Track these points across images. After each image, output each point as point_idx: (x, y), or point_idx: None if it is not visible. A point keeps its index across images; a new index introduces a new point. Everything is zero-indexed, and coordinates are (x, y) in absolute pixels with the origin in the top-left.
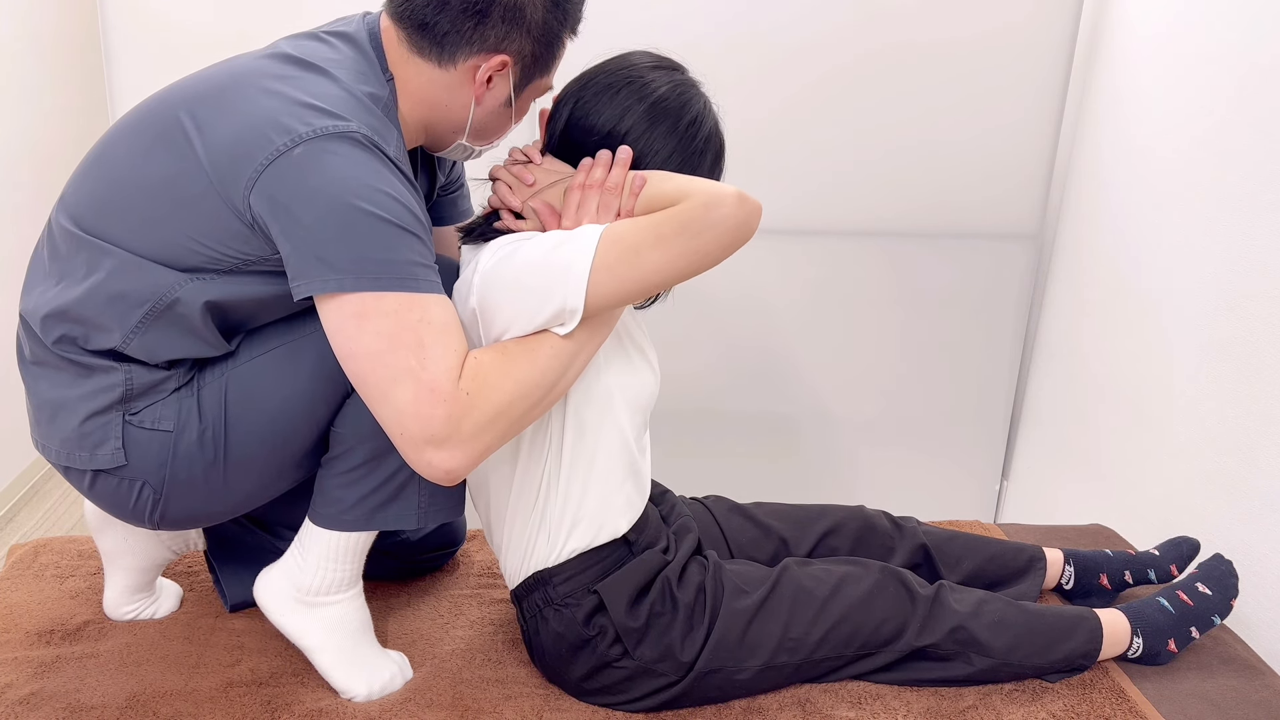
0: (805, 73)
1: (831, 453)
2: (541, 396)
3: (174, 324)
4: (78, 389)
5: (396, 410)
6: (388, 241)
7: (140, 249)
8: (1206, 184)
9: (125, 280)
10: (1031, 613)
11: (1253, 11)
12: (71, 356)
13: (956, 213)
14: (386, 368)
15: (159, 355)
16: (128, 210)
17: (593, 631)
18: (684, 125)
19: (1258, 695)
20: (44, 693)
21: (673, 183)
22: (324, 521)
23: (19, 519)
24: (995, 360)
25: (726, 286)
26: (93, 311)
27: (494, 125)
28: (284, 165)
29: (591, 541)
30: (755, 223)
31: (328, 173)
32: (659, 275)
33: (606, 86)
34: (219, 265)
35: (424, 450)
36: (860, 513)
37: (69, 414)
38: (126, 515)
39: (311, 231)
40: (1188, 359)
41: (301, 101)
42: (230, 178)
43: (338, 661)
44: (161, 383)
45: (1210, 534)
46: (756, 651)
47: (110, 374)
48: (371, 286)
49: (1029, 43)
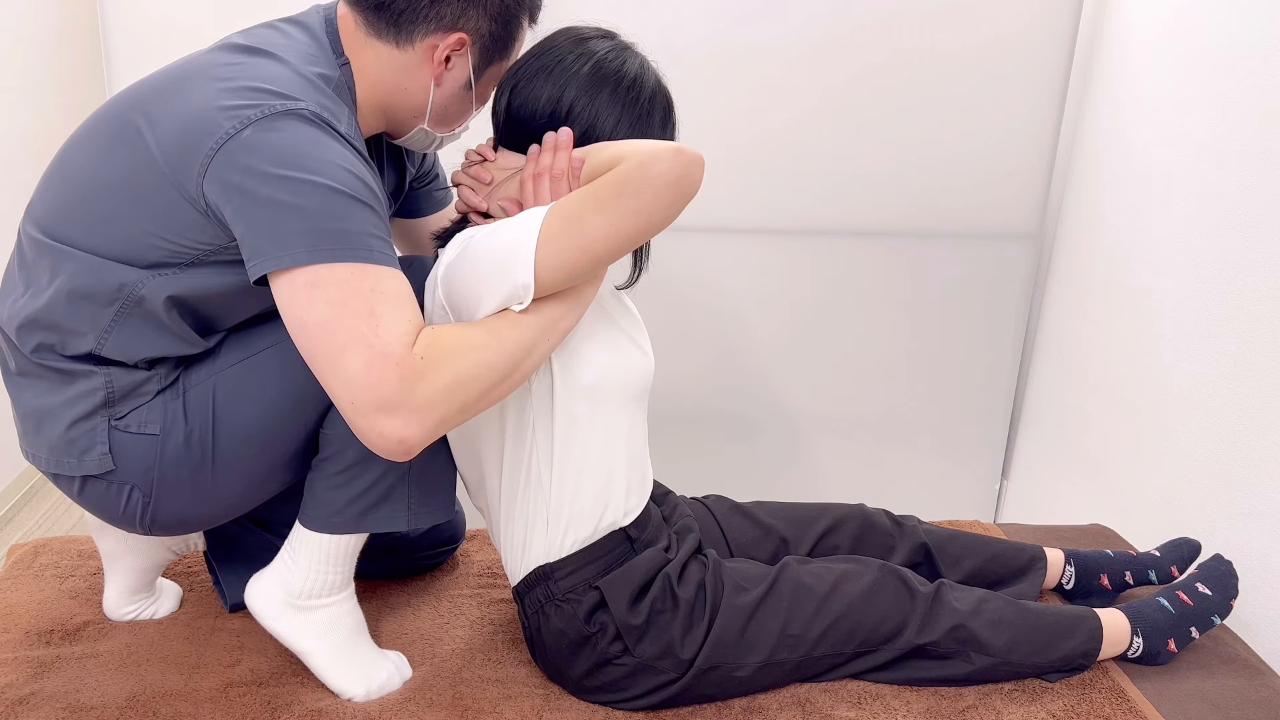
0: (805, 74)
1: (831, 452)
2: (506, 373)
3: (145, 322)
4: (60, 396)
5: (348, 378)
6: (339, 212)
7: (100, 249)
8: (1206, 184)
9: (89, 281)
10: (1031, 612)
11: (1252, 12)
12: (50, 364)
13: (956, 213)
14: (337, 336)
15: (136, 354)
16: (86, 211)
17: (594, 628)
18: (624, 88)
19: (1258, 695)
20: (44, 693)
21: (609, 150)
22: (314, 524)
23: (19, 519)
24: (995, 360)
25: (727, 286)
26: (62, 316)
27: (455, 110)
28: (233, 148)
29: (591, 535)
30: (697, 173)
31: (276, 150)
32: (606, 240)
33: (540, 69)
34: (179, 259)
35: (375, 418)
36: (860, 511)
37: (54, 421)
38: (117, 520)
39: (262, 210)
40: (1188, 359)
41: (249, 86)
42: (182, 167)
43: (333, 664)
44: (143, 385)
45: (1210, 534)
46: (756, 648)
47: (90, 378)
48: (324, 258)
49: (1029, 44)
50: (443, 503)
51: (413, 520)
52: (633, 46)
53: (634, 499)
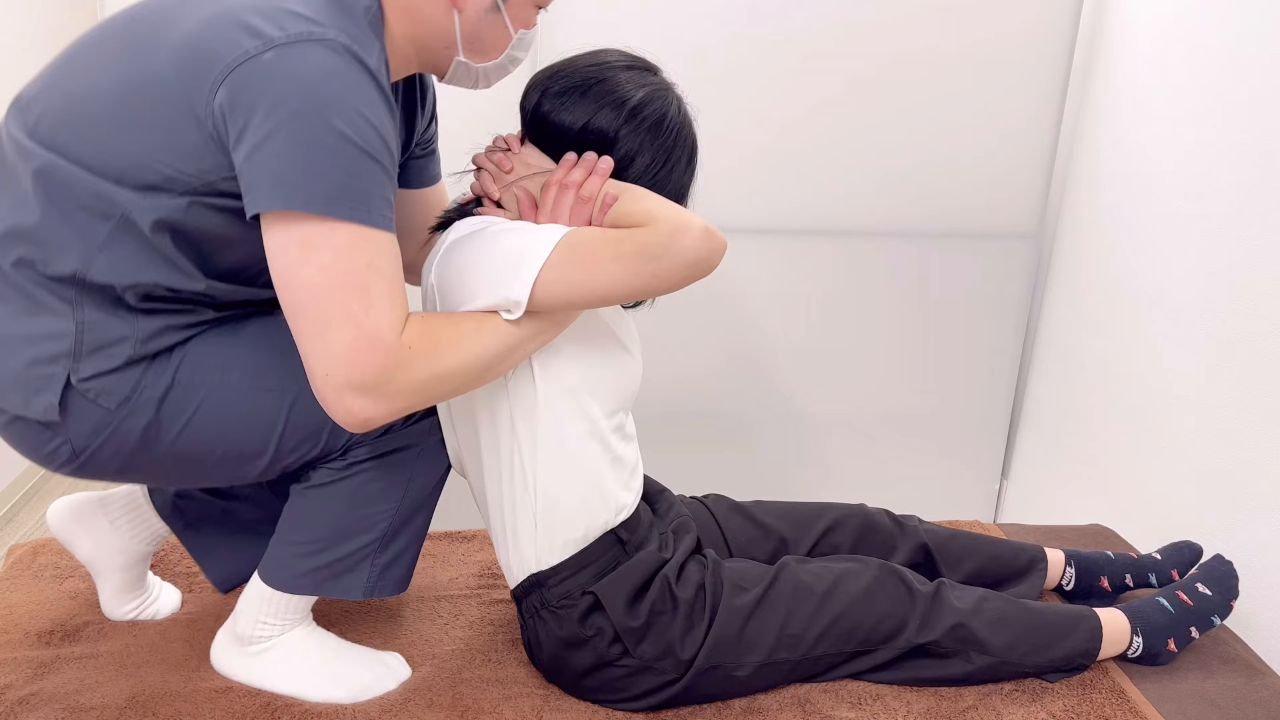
0: (805, 76)
1: (832, 453)
2: (480, 373)
3: (141, 246)
4: (25, 327)
5: (329, 352)
6: (350, 166)
7: (92, 163)
8: (1206, 184)
9: (82, 197)
10: (1032, 611)
11: (1252, 12)
12: (26, 284)
13: (957, 213)
14: (326, 306)
15: (126, 278)
16: (83, 121)
17: (590, 632)
18: (663, 130)
19: (1258, 695)
20: (44, 693)
21: (644, 204)
22: (272, 581)
23: (19, 519)
24: (995, 360)
25: (726, 286)
26: (52, 232)
27: (489, 37)
28: (251, 69)
29: (584, 536)
30: (717, 260)
31: (298, 80)
32: (610, 289)
33: (579, 83)
34: (174, 186)
35: (344, 394)
36: (861, 511)
37: (10, 354)
38: (35, 459)
39: (271, 142)
40: (1187, 359)
41: (277, 6)
42: (194, 81)
43: (311, 689)
44: (114, 345)
45: (1209, 534)
46: (755, 648)
47: (61, 317)
48: (324, 210)
49: (1029, 44)
50: (402, 578)
51: (369, 593)
52: (673, 88)
53: (625, 497)
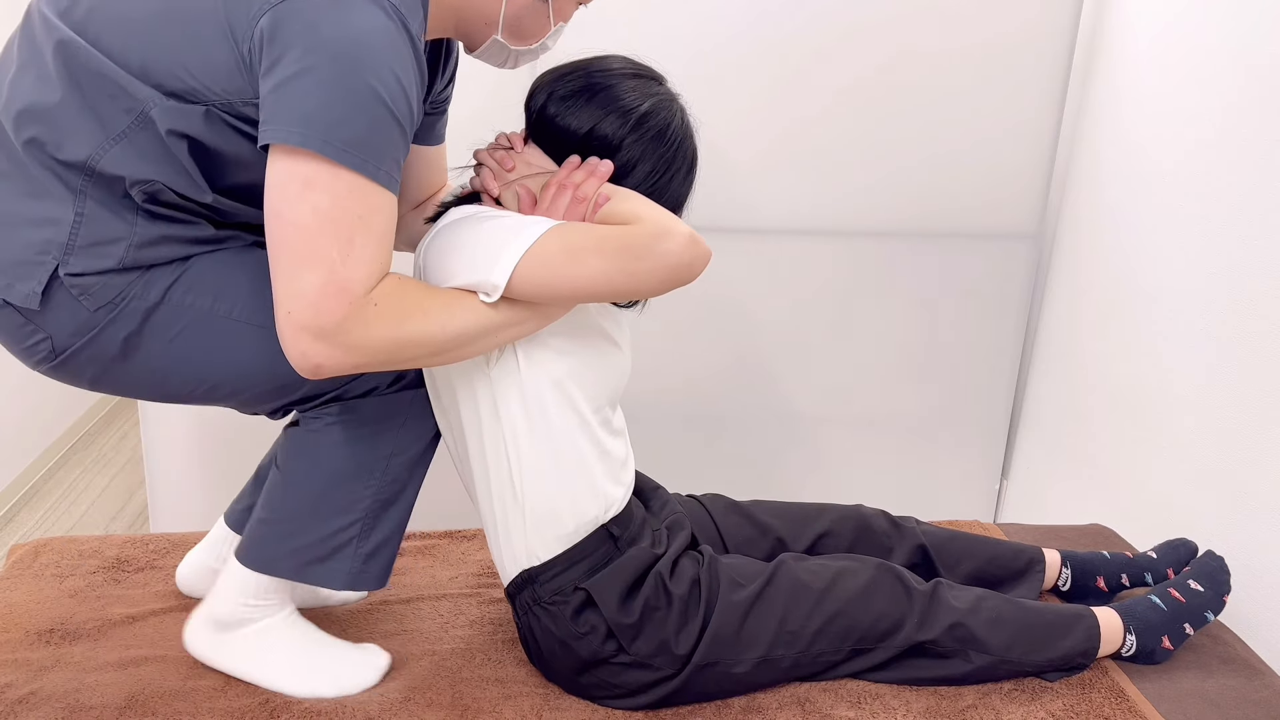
0: (805, 76)
1: (831, 452)
2: (442, 348)
3: (155, 144)
4: (25, 208)
5: (297, 290)
6: (373, 121)
7: (120, 56)
8: (1206, 184)
9: (106, 86)
10: (1029, 610)
11: (1252, 12)
12: (35, 165)
13: (957, 213)
14: (307, 247)
15: (136, 173)
16: (121, 18)
17: (583, 629)
18: (664, 141)
19: (1258, 695)
20: (44, 693)
21: (629, 204)
22: (251, 562)
23: (19, 519)
24: (995, 360)
25: (725, 286)
26: (70, 115)
27: (530, 23)
28: (301, 5)
29: (574, 531)
30: (700, 267)
31: (343, 28)
32: (591, 284)
33: (585, 88)
34: (196, 98)
35: (301, 335)
36: (858, 512)
37: (6, 233)
38: (15, 352)
39: (303, 79)
40: (1187, 359)
41: None
42: (239, 2)
43: (287, 679)
44: (109, 244)
45: (1209, 534)
46: (753, 645)
47: (62, 204)
48: (336, 156)
49: (1029, 44)
50: (383, 572)
51: (350, 583)
52: (677, 98)
53: (615, 491)
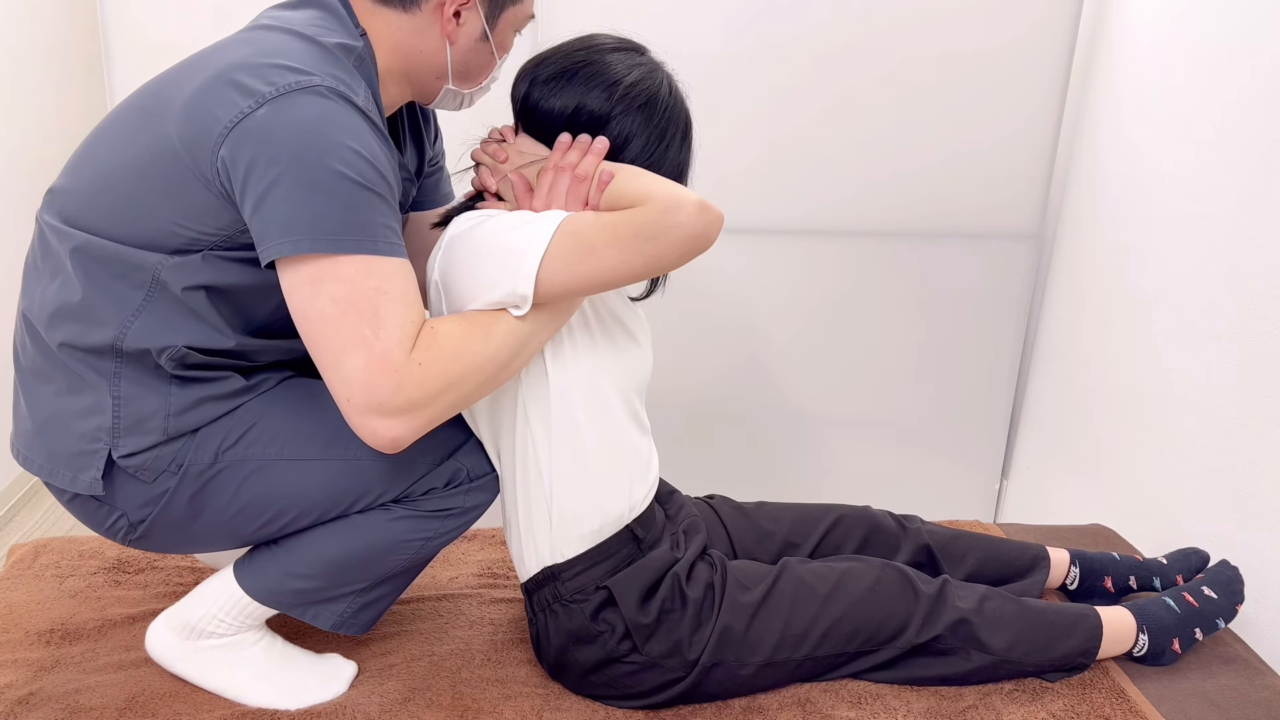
0: (805, 78)
1: (832, 452)
2: (494, 374)
3: (173, 307)
4: (71, 405)
5: (345, 377)
6: (349, 201)
7: (122, 236)
8: (1206, 184)
9: (117, 267)
10: (1033, 609)
11: (1253, 13)
12: (71, 361)
13: (957, 213)
14: (340, 334)
15: (161, 341)
16: (109, 197)
17: (601, 627)
18: (653, 108)
19: (1258, 695)
20: (44, 693)
21: (638, 182)
22: (254, 593)
23: (19, 519)
24: (995, 360)
25: (727, 286)
26: (92, 305)
27: (476, 64)
28: (247, 126)
29: (599, 529)
30: (714, 232)
31: (291, 129)
32: (613, 273)
33: (567, 68)
34: (197, 246)
35: (369, 418)
36: (864, 512)
37: (62, 431)
38: (100, 532)
39: (273, 191)
40: (1188, 359)
41: (265, 62)
42: (198, 146)
43: (249, 693)
44: (148, 420)
45: (1210, 534)
46: (759, 647)
47: (100, 393)
48: (329, 249)
49: (1029, 44)
50: (371, 620)
51: (338, 627)
52: (662, 66)
53: (639, 491)
